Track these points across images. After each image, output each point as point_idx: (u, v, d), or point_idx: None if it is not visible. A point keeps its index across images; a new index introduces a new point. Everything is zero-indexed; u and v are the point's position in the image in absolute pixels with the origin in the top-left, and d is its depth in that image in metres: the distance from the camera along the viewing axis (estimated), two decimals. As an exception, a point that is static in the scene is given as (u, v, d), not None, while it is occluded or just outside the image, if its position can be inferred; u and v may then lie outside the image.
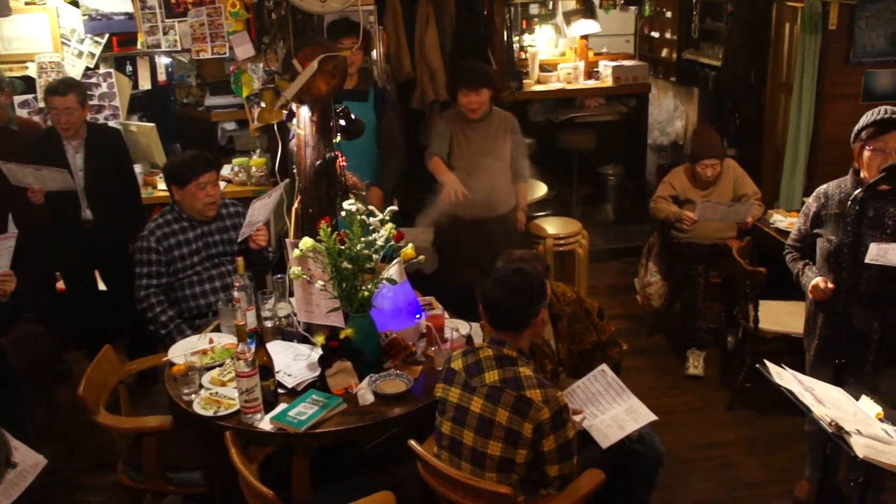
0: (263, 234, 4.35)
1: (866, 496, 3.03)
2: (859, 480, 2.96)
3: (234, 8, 4.55)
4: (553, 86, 7.93)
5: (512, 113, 5.24)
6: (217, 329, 3.97)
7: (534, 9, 8.66)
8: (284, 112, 4.11)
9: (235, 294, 3.83)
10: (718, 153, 5.50)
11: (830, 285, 3.58)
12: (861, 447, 2.55)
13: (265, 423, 3.21)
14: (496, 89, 5.02)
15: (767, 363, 2.98)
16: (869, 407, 2.88)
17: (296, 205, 4.08)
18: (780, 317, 4.96)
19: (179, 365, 3.49)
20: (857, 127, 3.59)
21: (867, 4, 6.27)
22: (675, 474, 4.35)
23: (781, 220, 5.46)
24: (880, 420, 2.80)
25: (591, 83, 8.07)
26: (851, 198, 3.28)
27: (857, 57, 6.42)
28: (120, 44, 5.69)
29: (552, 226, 6.05)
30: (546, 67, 8.10)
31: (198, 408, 3.30)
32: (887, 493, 4.11)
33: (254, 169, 5.76)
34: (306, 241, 3.41)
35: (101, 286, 5.36)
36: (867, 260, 3.38)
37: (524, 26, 8.52)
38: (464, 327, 3.86)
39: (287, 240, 3.92)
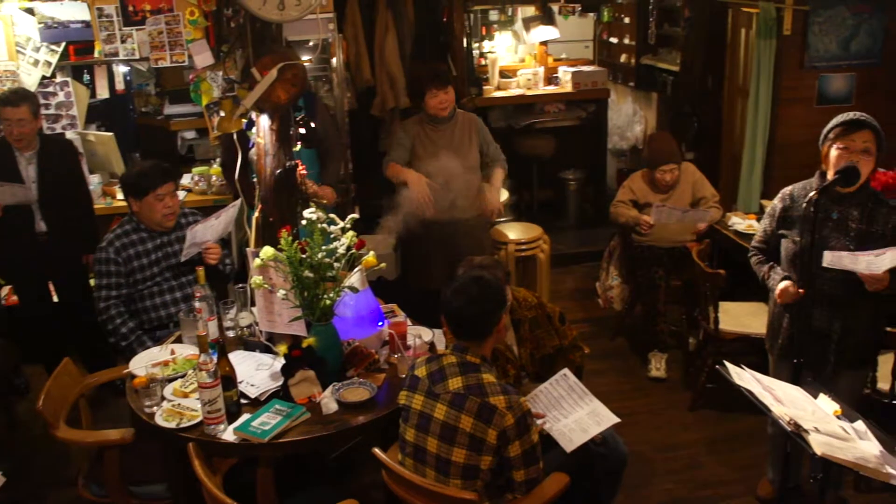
0: (215, 252, 4.31)
1: (825, 492, 3.08)
2: (818, 477, 3.01)
3: (192, 16, 4.53)
4: (513, 92, 7.97)
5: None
6: (178, 340, 3.95)
7: (493, 15, 8.72)
8: (244, 121, 4.10)
9: (196, 304, 3.81)
10: (675, 158, 5.56)
11: (799, 289, 3.63)
12: (819, 444, 2.59)
13: (228, 434, 3.19)
14: (456, 90, 5.06)
15: (727, 364, 3.01)
16: (827, 405, 2.93)
17: (256, 214, 4.06)
18: (740, 318, 5.02)
19: (141, 377, 3.46)
20: (825, 129, 3.64)
21: (820, 10, 6.39)
22: (639, 475, 4.39)
23: (740, 222, 5.53)
24: (837, 417, 2.85)
25: (551, 89, 8.13)
26: (807, 199, 3.33)
27: (811, 61, 6.53)
28: (77, 52, 5.63)
29: (513, 231, 6.08)
30: (506, 73, 8.15)
31: (160, 420, 3.28)
32: (846, 489, 4.19)
33: (214, 178, 5.72)
34: (267, 251, 3.39)
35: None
36: (824, 265, 3.44)
37: (484, 33, 8.58)
38: (426, 334, 3.86)
39: (248, 249, 3.90)
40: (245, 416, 3.26)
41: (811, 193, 3.28)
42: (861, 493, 4.22)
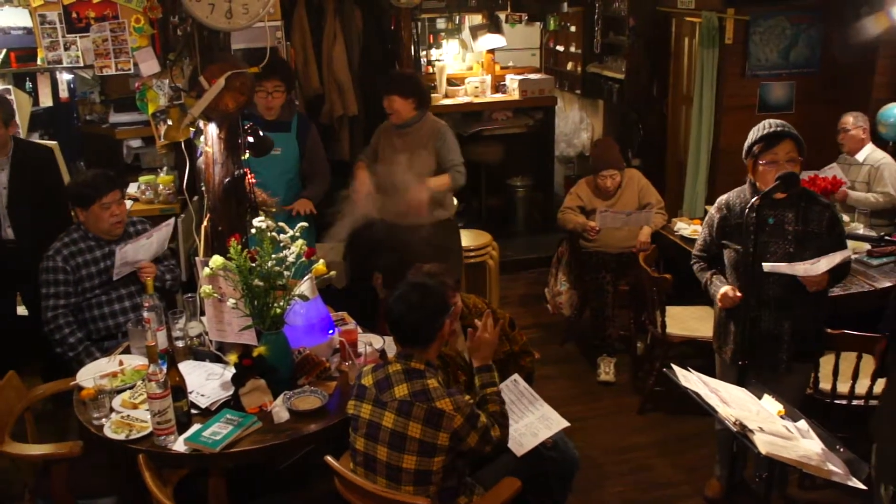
0: (150, 270, 4.26)
1: (771, 490, 3.16)
2: (764, 476, 3.07)
3: (138, 23, 4.49)
4: (461, 99, 8.01)
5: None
6: (127, 351, 3.91)
7: (441, 23, 8.76)
8: (192, 129, 4.07)
9: (145, 314, 3.78)
10: (617, 164, 5.64)
11: (738, 294, 3.70)
12: (764, 444, 2.65)
13: (179, 445, 3.17)
14: (421, 100, 5.04)
15: (674, 367, 3.07)
16: (771, 405, 3.00)
17: (205, 223, 4.04)
18: (687, 321, 5.11)
19: (88, 388, 3.41)
20: (746, 143, 3.71)
21: (760, 20, 6.53)
22: (590, 478, 4.45)
23: (685, 227, 5.62)
24: (781, 417, 2.92)
25: (499, 96, 8.18)
26: (748, 206, 3.40)
27: (753, 70, 6.68)
28: (18, 59, 5.55)
29: (463, 238, 6.10)
30: (453, 81, 8.18)
31: (109, 432, 3.24)
32: (791, 487, 4.28)
33: (161, 187, 5.67)
34: (217, 260, 3.38)
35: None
36: (765, 270, 3.52)
37: (431, 41, 8.60)
38: (377, 342, 3.88)
39: (197, 258, 3.87)
40: (196, 427, 3.24)
41: (753, 200, 3.34)
42: (805, 490, 4.32)
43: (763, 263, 3.51)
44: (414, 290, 3.15)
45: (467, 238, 6.14)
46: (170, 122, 3.98)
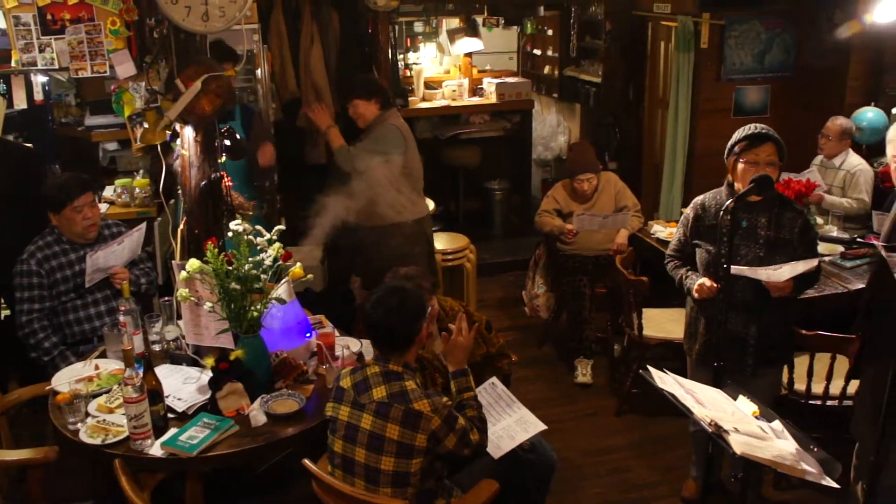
0: (123, 273, 4.24)
1: (746, 490, 3.17)
2: (739, 476, 3.09)
3: (114, 26, 4.45)
4: (438, 103, 8.02)
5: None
6: (103, 355, 3.88)
7: (418, 27, 8.77)
8: (168, 132, 4.05)
9: (121, 318, 3.76)
10: (593, 167, 5.66)
11: (715, 284, 3.72)
12: (739, 444, 2.67)
13: (156, 449, 3.15)
14: (381, 100, 5.03)
15: (650, 368, 3.08)
16: (746, 406, 3.02)
17: (181, 226, 4.02)
18: (663, 324, 5.13)
19: (64, 393, 3.38)
20: (730, 142, 3.75)
21: (735, 25, 6.59)
22: (568, 480, 4.46)
23: (662, 230, 5.65)
24: (756, 418, 2.94)
25: (476, 100, 8.21)
26: (723, 209, 3.43)
27: (728, 74, 6.73)
28: (-8, 61, 5.49)
29: (440, 241, 6.12)
30: (431, 85, 8.20)
31: (84, 436, 3.22)
32: (766, 487, 4.31)
33: (137, 190, 5.64)
34: (193, 263, 3.37)
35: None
36: (732, 273, 3.55)
37: (409, 44, 8.60)
38: (354, 344, 3.87)
39: (173, 262, 3.86)
40: (172, 431, 3.23)
41: (727, 203, 3.37)
42: (781, 490, 4.36)
43: (732, 266, 3.54)
44: (391, 295, 3.15)
45: (444, 241, 6.16)
46: (146, 125, 3.95)
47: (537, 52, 9.81)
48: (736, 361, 3.77)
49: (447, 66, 8.77)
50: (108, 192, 5.71)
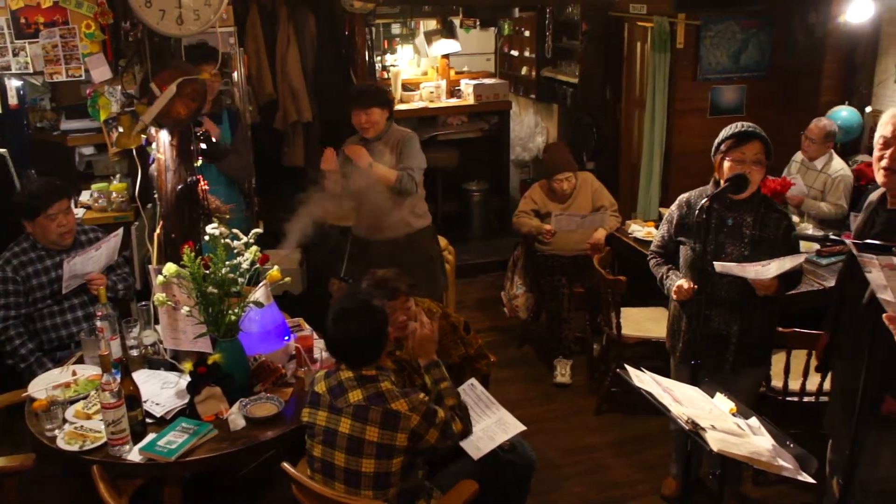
0: (100, 279, 4.22)
1: (724, 487, 3.20)
2: (717, 473, 3.12)
3: (88, 29, 4.43)
4: (416, 105, 8.03)
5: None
6: (80, 361, 3.86)
7: (395, 29, 8.76)
8: (143, 136, 4.04)
9: (98, 323, 3.74)
10: (570, 167, 5.68)
11: (693, 286, 3.75)
12: (716, 441, 2.69)
13: (134, 455, 3.14)
14: (391, 108, 5.03)
15: (627, 367, 3.09)
16: (723, 403, 3.04)
17: (158, 230, 4.01)
18: (641, 322, 5.16)
19: (41, 400, 3.36)
20: (716, 140, 3.76)
21: (711, 25, 6.63)
22: (548, 480, 4.48)
23: (639, 229, 5.68)
24: (733, 415, 2.96)
25: (454, 101, 8.22)
26: (699, 207, 3.45)
27: (704, 74, 6.77)
28: (-35, 67, 5.44)
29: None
30: (408, 87, 8.20)
31: (62, 443, 3.20)
32: (745, 484, 4.34)
33: (114, 194, 5.62)
34: (170, 267, 3.36)
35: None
36: (717, 270, 3.57)
37: (386, 46, 8.60)
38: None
39: (150, 266, 3.84)
40: (151, 436, 3.22)
41: (703, 200, 3.40)
42: (759, 486, 4.39)
43: (715, 263, 3.56)
44: (350, 316, 3.08)
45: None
46: (121, 130, 3.94)
47: (514, 53, 9.83)
48: (716, 359, 3.80)
49: (425, 68, 8.78)
50: (84, 196, 5.68)
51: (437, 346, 3.45)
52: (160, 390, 3.55)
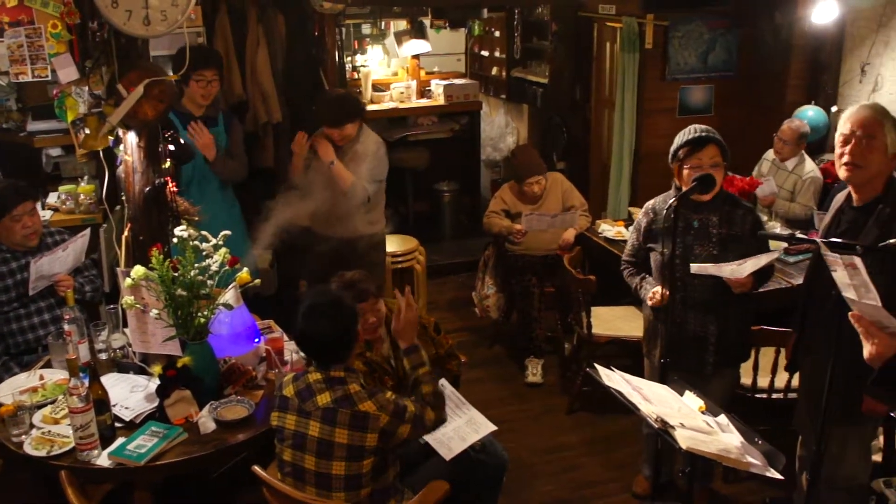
0: (67, 280, 4.18)
1: (693, 484, 3.23)
2: (687, 471, 3.14)
3: (55, 29, 4.38)
4: (386, 105, 8.01)
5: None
6: (48, 365, 3.82)
7: (366, 29, 8.74)
8: (111, 137, 4.00)
9: (66, 327, 3.70)
10: (541, 170, 5.69)
11: (667, 292, 3.77)
12: (684, 439, 2.71)
13: (103, 459, 3.12)
14: (363, 116, 5.02)
15: (597, 366, 3.11)
16: (692, 401, 3.06)
17: (126, 232, 3.98)
18: (612, 321, 5.19)
19: (7, 405, 3.32)
20: (672, 147, 3.78)
21: (679, 25, 6.67)
22: (520, 479, 4.49)
23: (609, 229, 5.70)
24: (703, 413, 2.98)
25: (424, 102, 8.21)
26: (666, 209, 3.47)
27: (672, 74, 6.82)
28: (-72, 68, 5.37)
29: (389, 243, 6.07)
30: (379, 87, 8.18)
31: (29, 449, 3.17)
32: (716, 481, 4.38)
33: (82, 196, 5.56)
34: (138, 270, 3.34)
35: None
36: (693, 272, 3.59)
37: (356, 46, 8.58)
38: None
39: (118, 269, 3.81)
40: (120, 440, 3.20)
41: (671, 202, 3.42)
42: (729, 483, 4.43)
43: (691, 265, 3.59)
44: (320, 310, 3.09)
45: (394, 243, 6.15)
46: (87, 131, 3.90)
47: (485, 53, 9.84)
48: (696, 362, 3.82)
49: (395, 69, 8.76)
50: (52, 198, 5.62)
51: (416, 329, 3.46)
52: (129, 394, 3.52)
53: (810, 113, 6.18)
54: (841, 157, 3.21)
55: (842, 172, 3.23)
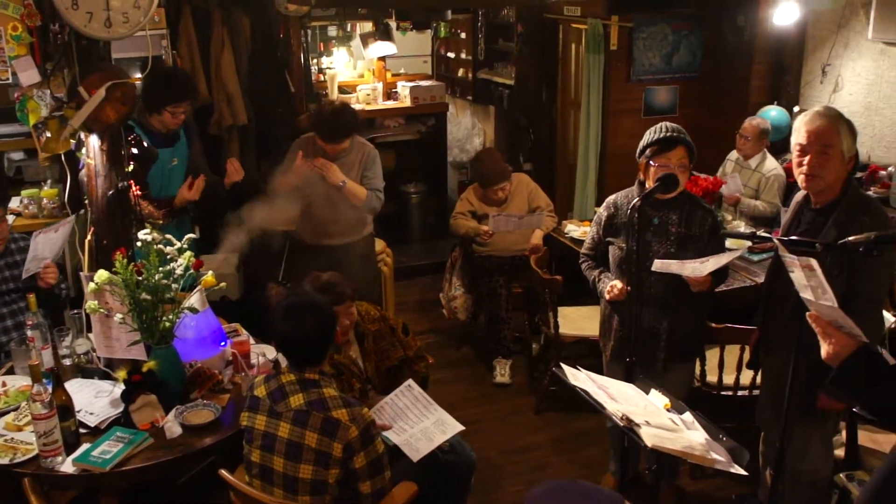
0: (53, 271, 4.12)
1: (660, 481, 3.25)
2: (654, 468, 3.16)
3: (15, 31, 4.33)
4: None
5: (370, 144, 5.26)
6: (11, 371, 3.78)
7: (332, 31, 8.72)
8: (72, 141, 3.96)
9: (29, 333, 3.67)
10: (506, 175, 5.69)
11: (626, 287, 3.80)
12: (649, 437, 2.74)
13: (67, 466, 3.09)
14: (359, 129, 5.04)
15: (563, 366, 3.13)
16: (657, 399, 3.09)
17: (89, 237, 3.94)
18: (578, 321, 5.21)
19: (-32, 413, 3.30)
20: (641, 144, 3.81)
21: (643, 27, 6.73)
22: (489, 479, 4.50)
23: (575, 229, 5.73)
24: (668, 410, 3.01)
25: (390, 104, 8.20)
26: (629, 207, 3.50)
27: (637, 75, 6.87)
28: None
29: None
30: (345, 89, 8.17)
31: (-9, 456, 3.13)
32: (683, 478, 4.42)
33: (45, 200, 5.49)
34: (102, 274, 3.31)
35: None
36: (654, 269, 3.62)
37: (322, 49, 8.56)
38: (270, 352, 3.84)
39: (82, 273, 3.77)
40: (85, 446, 3.16)
41: (634, 200, 3.45)
42: (696, 480, 4.47)
43: (656, 261, 3.62)
44: (300, 310, 3.08)
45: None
46: (49, 134, 3.86)
47: (451, 55, 9.86)
48: (648, 356, 3.85)
49: (361, 71, 8.75)
50: (14, 203, 5.55)
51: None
52: (94, 399, 3.49)
53: (773, 113, 6.26)
54: (799, 165, 3.27)
55: (800, 181, 3.30)
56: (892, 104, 5.84)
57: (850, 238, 2.51)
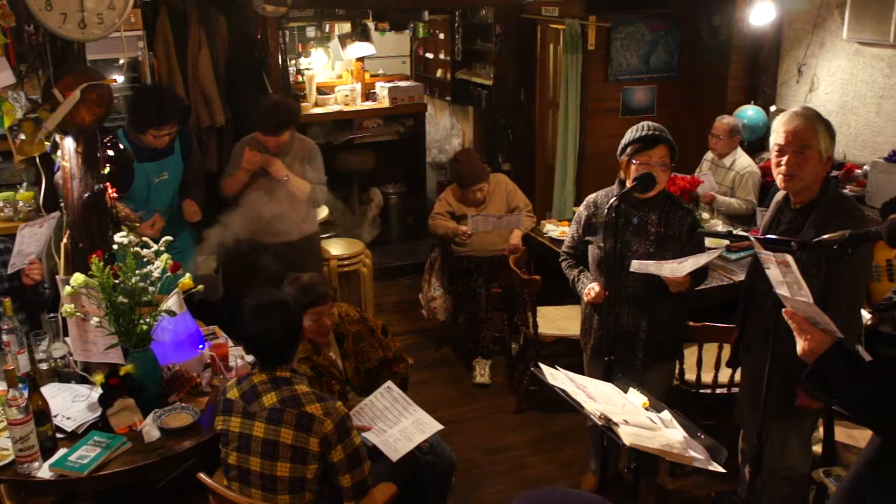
0: (38, 267, 4.08)
1: (639, 480, 3.26)
2: (633, 466, 3.17)
3: (-11, 33, 4.30)
4: (331, 108, 7.98)
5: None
6: (-15, 376, 3.74)
7: (310, 32, 8.70)
8: (48, 143, 3.93)
9: (4, 337, 3.63)
10: (484, 176, 5.69)
11: (605, 291, 3.80)
12: (628, 435, 2.74)
13: (44, 471, 3.06)
14: (298, 122, 5.05)
15: (541, 365, 3.13)
16: (636, 398, 3.09)
17: (65, 240, 3.91)
18: (557, 321, 5.22)
19: (-57, 419, 3.26)
20: (622, 142, 3.81)
21: (620, 27, 6.76)
22: (469, 479, 4.51)
23: (554, 229, 5.75)
24: (646, 409, 3.02)
25: (369, 104, 8.19)
26: (608, 206, 3.50)
27: (615, 75, 6.90)
28: None
29: (335, 247, 6.09)
30: (323, 90, 8.15)
31: (-34, 462, 3.10)
32: (662, 476, 4.43)
33: (21, 203, 5.46)
34: (78, 277, 3.28)
35: None
36: (631, 270, 3.63)
37: (300, 50, 8.53)
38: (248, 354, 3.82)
39: (58, 277, 3.74)
40: (62, 451, 3.14)
41: (612, 200, 3.46)
42: (675, 478, 4.49)
43: (633, 261, 3.62)
44: (269, 310, 3.07)
45: (340, 246, 6.13)
46: (23, 137, 3.82)
47: (430, 55, 9.86)
48: (627, 356, 3.86)
49: (339, 71, 8.73)
50: (-12, 206, 5.50)
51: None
52: (71, 404, 3.46)
53: (750, 112, 6.30)
54: (778, 166, 3.29)
55: (779, 181, 3.32)
56: (867, 103, 5.89)
57: (825, 236, 2.53)
